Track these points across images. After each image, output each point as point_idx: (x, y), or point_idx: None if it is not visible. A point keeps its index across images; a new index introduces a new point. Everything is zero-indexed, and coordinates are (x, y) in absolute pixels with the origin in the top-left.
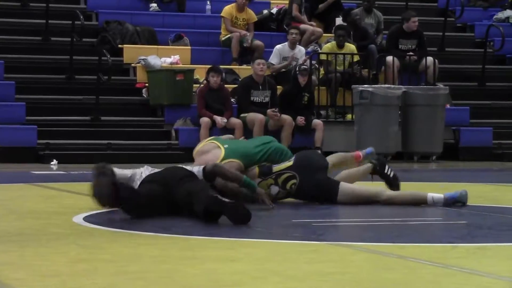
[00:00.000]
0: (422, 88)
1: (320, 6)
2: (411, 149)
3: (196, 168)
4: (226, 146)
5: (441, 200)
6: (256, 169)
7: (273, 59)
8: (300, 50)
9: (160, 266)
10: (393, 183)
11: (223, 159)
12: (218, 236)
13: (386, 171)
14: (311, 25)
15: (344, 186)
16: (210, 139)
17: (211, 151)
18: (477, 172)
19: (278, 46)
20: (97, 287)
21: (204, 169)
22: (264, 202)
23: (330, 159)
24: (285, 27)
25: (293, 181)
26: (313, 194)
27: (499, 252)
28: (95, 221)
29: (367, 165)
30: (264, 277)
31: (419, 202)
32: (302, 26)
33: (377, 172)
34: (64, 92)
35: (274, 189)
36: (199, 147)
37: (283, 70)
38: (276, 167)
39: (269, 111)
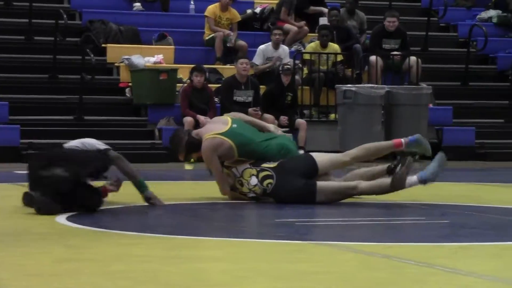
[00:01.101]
0: (406, 88)
1: (311, 8)
2: None
3: (102, 146)
4: (234, 126)
5: (416, 182)
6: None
7: (257, 60)
8: (284, 49)
9: (145, 266)
10: (394, 183)
11: (220, 134)
12: (203, 236)
13: (397, 170)
14: (299, 26)
15: (321, 185)
16: (230, 114)
17: (217, 123)
18: (460, 172)
19: (261, 47)
20: (82, 287)
21: (108, 151)
22: (153, 203)
23: (354, 152)
24: (270, 26)
25: (270, 180)
26: (289, 200)
27: (482, 252)
28: (78, 221)
29: (382, 166)
30: (249, 277)
31: (389, 191)
32: (286, 26)
33: (391, 172)
34: (47, 91)
35: (253, 181)
36: (216, 117)
37: (267, 70)
38: (265, 164)
39: (250, 110)
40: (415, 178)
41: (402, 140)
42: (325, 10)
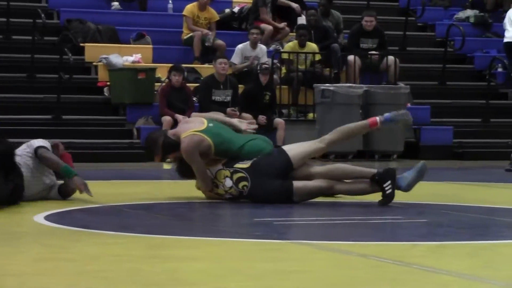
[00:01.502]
0: (383, 87)
1: (280, 0)
2: (372, 147)
3: (26, 147)
4: (211, 125)
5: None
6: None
7: (235, 59)
8: (262, 49)
9: (122, 265)
10: (384, 200)
11: (200, 132)
12: (180, 235)
13: (385, 185)
14: (281, 28)
15: (297, 185)
16: (207, 114)
17: (193, 122)
18: (437, 171)
19: (239, 46)
20: (59, 286)
21: (38, 149)
22: (80, 190)
23: (329, 137)
24: (247, 25)
25: (245, 183)
26: (266, 201)
27: (459, 250)
28: (56, 220)
29: (370, 170)
30: (225, 276)
31: (366, 192)
32: (263, 25)
33: (376, 181)
34: (25, 90)
35: (228, 183)
36: (191, 118)
37: (245, 69)
38: (238, 164)
39: (228, 109)
40: None
41: (377, 118)
42: (295, 5)
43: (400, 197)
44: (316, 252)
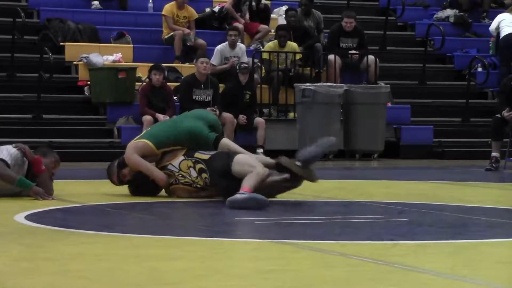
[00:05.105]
0: (364, 87)
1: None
2: (353, 147)
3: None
4: (148, 129)
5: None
6: (184, 149)
7: (214, 60)
8: (241, 48)
9: (102, 265)
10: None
11: (138, 138)
12: (161, 234)
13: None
14: (245, 23)
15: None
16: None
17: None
18: (417, 170)
19: (218, 47)
20: (38, 286)
21: None
22: (43, 198)
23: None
24: (226, 25)
25: (205, 175)
26: (225, 193)
27: (439, 249)
28: (37, 220)
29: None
30: (206, 275)
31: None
32: (239, 24)
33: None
34: (5, 90)
35: (193, 173)
36: None
37: (227, 69)
38: (197, 153)
39: (208, 109)
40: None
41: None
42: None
43: (380, 196)
44: (296, 251)
